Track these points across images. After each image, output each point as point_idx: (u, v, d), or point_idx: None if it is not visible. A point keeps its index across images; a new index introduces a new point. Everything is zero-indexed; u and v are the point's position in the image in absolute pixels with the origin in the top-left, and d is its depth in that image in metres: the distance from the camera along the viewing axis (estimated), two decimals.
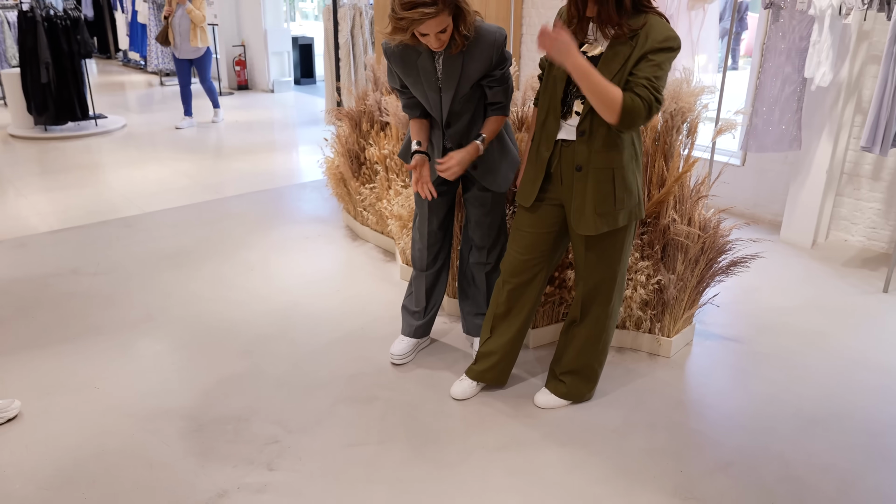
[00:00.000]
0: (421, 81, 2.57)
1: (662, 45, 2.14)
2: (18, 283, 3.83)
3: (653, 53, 2.14)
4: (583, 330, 2.64)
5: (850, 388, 2.94)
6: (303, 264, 4.13)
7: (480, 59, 2.49)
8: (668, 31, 2.16)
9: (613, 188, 2.34)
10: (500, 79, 2.58)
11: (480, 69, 2.51)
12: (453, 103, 2.59)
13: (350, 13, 6.85)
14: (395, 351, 3.05)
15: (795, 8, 4.01)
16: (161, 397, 2.82)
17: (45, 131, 7.27)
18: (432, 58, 2.52)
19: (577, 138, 2.32)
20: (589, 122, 2.29)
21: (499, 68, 2.56)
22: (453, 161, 2.55)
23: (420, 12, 2.27)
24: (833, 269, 4.14)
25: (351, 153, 4.30)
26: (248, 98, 9.86)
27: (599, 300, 2.57)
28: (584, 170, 2.33)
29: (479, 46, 2.48)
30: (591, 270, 2.52)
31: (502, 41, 2.51)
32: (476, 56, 2.49)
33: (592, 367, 2.71)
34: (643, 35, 2.15)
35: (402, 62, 2.56)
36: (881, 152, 3.76)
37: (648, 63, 2.13)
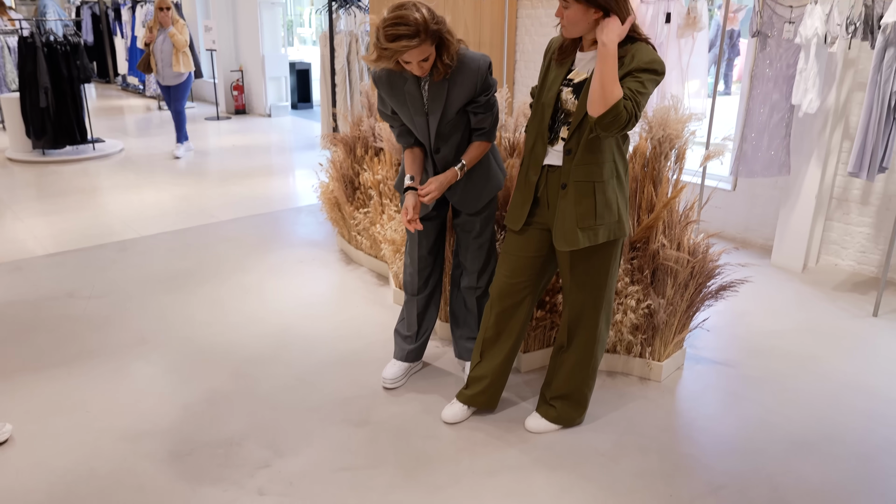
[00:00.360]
0: (408, 106, 2.63)
1: (647, 66, 2.20)
2: (14, 307, 3.84)
3: (638, 72, 2.20)
4: (571, 355, 2.66)
5: (840, 411, 2.96)
6: (297, 288, 4.15)
7: (465, 86, 2.56)
8: (653, 55, 2.23)
9: (594, 203, 2.38)
10: (485, 105, 2.64)
11: (465, 95, 2.58)
12: (440, 127, 2.64)
13: (346, 40, 6.95)
14: (387, 375, 3.07)
15: (782, 37, 4.09)
16: (153, 420, 2.82)
17: (44, 155, 7.32)
18: (418, 84, 2.59)
19: (564, 157, 2.38)
20: (575, 142, 2.35)
21: (483, 94, 2.61)
22: (432, 186, 2.61)
23: (403, 45, 2.34)
24: (823, 292, 4.17)
25: (345, 178, 4.34)
26: (245, 122, 9.94)
27: (585, 324, 2.60)
28: (567, 187, 2.39)
29: (464, 73, 2.54)
30: (577, 294, 2.55)
31: (486, 68, 2.57)
32: (460, 82, 2.55)
33: (582, 392, 2.73)
34: (629, 57, 2.21)
35: (389, 87, 2.63)
36: (868, 178, 3.81)
37: (634, 79, 2.19)
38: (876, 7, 3.71)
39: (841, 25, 3.81)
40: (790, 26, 4.03)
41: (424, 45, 2.38)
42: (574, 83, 2.36)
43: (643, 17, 4.77)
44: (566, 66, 2.39)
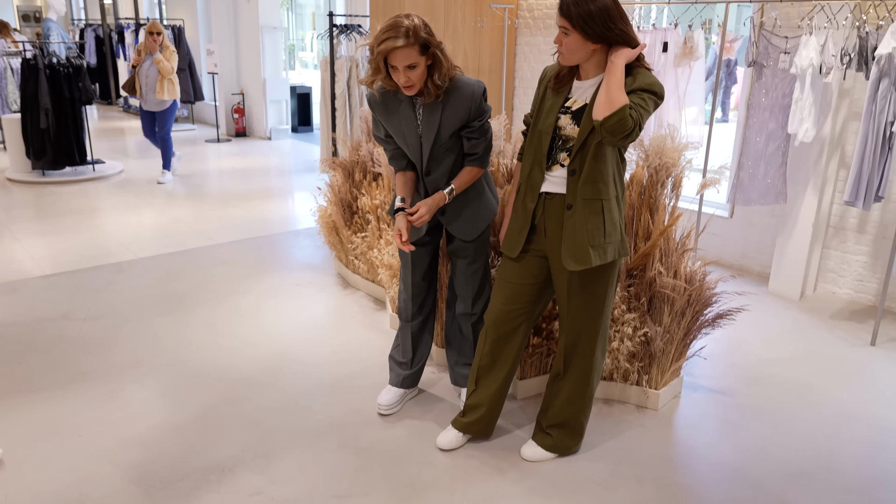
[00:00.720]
0: (402, 128, 2.66)
1: (648, 88, 2.22)
2: (8, 328, 3.82)
3: (641, 91, 2.22)
4: (567, 383, 2.65)
5: (838, 441, 2.94)
6: (294, 311, 4.14)
7: (458, 110, 2.58)
8: (653, 79, 2.26)
9: (603, 220, 2.39)
10: (479, 130, 2.66)
11: (459, 119, 2.60)
12: (433, 150, 2.66)
13: (347, 65, 7.01)
14: (382, 401, 3.05)
15: (777, 67, 4.14)
16: (146, 445, 2.80)
17: (43, 176, 7.34)
18: (413, 107, 2.62)
19: (569, 178, 2.38)
20: (579, 163, 2.35)
21: (477, 120, 2.64)
22: (423, 210, 2.62)
23: (389, 45, 2.40)
24: (821, 321, 4.17)
25: (343, 202, 4.36)
26: (245, 145, 9.99)
27: (582, 351, 2.59)
28: (573, 207, 2.38)
29: (458, 97, 2.58)
30: (575, 319, 2.54)
31: (480, 94, 2.60)
32: (454, 106, 2.58)
33: (578, 420, 2.71)
34: (630, 79, 2.23)
35: (384, 109, 2.66)
36: (864, 207, 3.83)
37: (636, 96, 2.21)
38: (870, 39, 3.75)
39: (836, 56, 3.85)
40: (785, 56, 4.08)
41: (411, 48, 2.41)
42: (572, 110, 2.37)
43: None
44: (563, 94, 2.41)
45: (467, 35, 5.97)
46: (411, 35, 2.41)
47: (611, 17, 2.19)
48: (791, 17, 4.38)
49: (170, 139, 7.51)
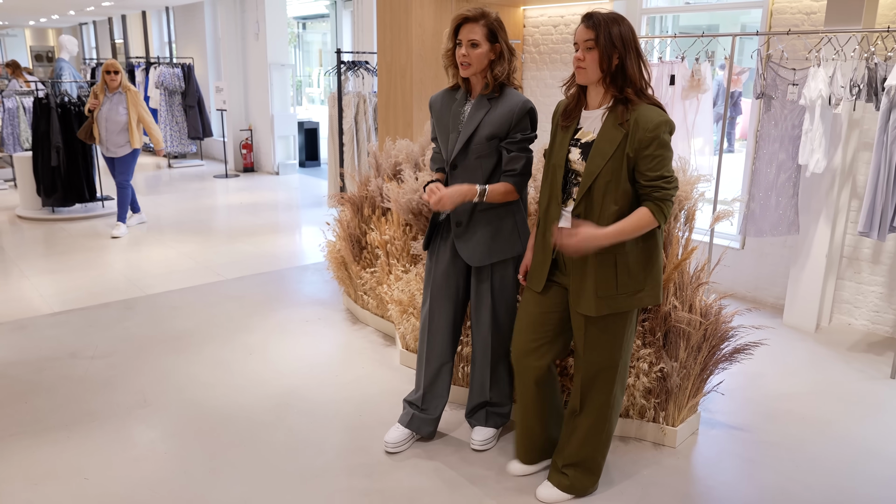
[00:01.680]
0: (448, 123, 2.75)
1: (654, 134, 2.22)
2: (15, 367, 3.79)
3: (647, 148, 2.22)
4: (584, 420, 2.59)
5: (860, 478, 2.85)
6: (303, 348, 4.10)
7: (502, 115, 2.66)
8: (657, 118, 2.24)
9: (616, 273, 2.35)
10: (519, 144, 2.68)
11: (500, 123, 2.66)
12: (467, 144, 2.69)
13: (354, 100, 7.07)
14: (388, 439, 2.98)
15: (786, 98, 4.13)
16: (153, 488, 2.74)
17: (53, 213, 7.37)
18: (464, 104, 2.74)
19: (573, 220, 2.36)
20: (584, 207, 2.34)
21: (520, 132, 2.68)
22: (444, 192, 2.62)
23: (463, 13, 2.62)
24: (838, 353, 4.09)
25: (352, 237, 4.34)
26: (253, 180, 10.05)
27: (600, 387, 2.53)
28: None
29: (505, 103, 2.67)
30: (591, 357, 2.49)
31: (528, 108, 2.69)
32: (500, 109, 2.67)
33: (595, 459, 2.64)
34: (633, 122, 2.24)
35: (439, 106, 2.82)
36: (879, 237, 3.78)
37: (649, 161, 2.23)
38: (879, 70, 3.75)
39: (845, 87, 3.84)
40: (794, 88, 4.07)
41: (479, 26, 2.60)
42: (581, 143, 2.37)
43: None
44: (572, 127, 2.42)
45: None
46: (484, 17, 2.61)
47: (629, 45, 2.26)
48: (798, 50, 4.40)
49: (129, 187, 6.80)
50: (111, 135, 6.50)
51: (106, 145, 6.56)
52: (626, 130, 2.25)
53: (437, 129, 2.84)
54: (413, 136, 5.63)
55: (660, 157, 2.24)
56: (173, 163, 11.25)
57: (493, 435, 3.04)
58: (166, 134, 10.92)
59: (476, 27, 2.60)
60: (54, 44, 21.28)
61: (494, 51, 2.64)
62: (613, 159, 2.26)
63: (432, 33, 5.66)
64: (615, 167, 2.27)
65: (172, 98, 10.85)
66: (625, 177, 2.28)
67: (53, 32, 21.33)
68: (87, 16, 14.95)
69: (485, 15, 2.62)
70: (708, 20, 10.76)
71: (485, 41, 2.61)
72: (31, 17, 16.15)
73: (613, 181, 2.28)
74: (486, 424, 3.04)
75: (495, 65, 2.65)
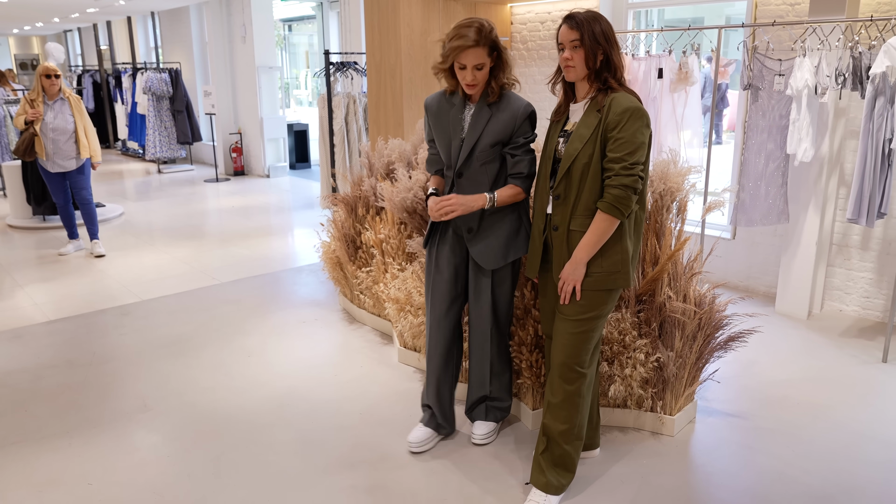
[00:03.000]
0: (448, 130, 2.74)
1: (621, 118, 2.31)
2: (13, 376, 3.79)
3: (613, 130, 2.32)
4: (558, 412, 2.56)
5: (857, 462, 2.90)
6: (300, 349, 4.11)
7: (504, 121, 2.66)
8: (627, 103, 2.33)
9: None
10: (523, 147, 2.70)
11: (501, 130, 2.67)
12: (472, 152, 2.70)
13: (344, 101, 7.07)
14: (411, 438, 3.00)
15: (773, 89, 4.18)
16: (157, 492, 2.75)
17: (44, 221, 7.35)
18: (463, 110, 2.73)
19: (553, 202, 2.48)
20: (563, 187, 2.44)
21: (522, 136, 2.69)
22: (454, 199, 2.64)
23: (461, 43, 2.54)
24: (830, 339, 4.15)
25: (347, 237, 4.36)
26: (244, 183, 10.04)
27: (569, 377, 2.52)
28: (559, 229, 2.47)
29: (507, 108, 2.67)
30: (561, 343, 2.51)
31: (529, 112, 2.69)
32: (502, 114, 2.67)
33: (570, 455, 2.61)
34: (607, 106, 2.36)
35: (437, 110, 2.80)
36: (867, 224, 3.83)
37: (612, 142, 2.32)
38: (863, 58, 3.80)
39: (830, 77, 3.89)
40: (780, 78, 4.12)
41: (481, 49, 2.56)
42: (568, 133, 2.47)
43: (636, 73, 4.88)
44: (562, 121, 2.54)
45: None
46: (483, 36, 2.56)
47: (611, 41, 2.37)
48: (783, 41, 4.44)
49: (92, 201, 6.23)
50: (59, 146, 5.82)
51: (53, 159, 5.86)
52: (602, 115, 2.36)
53: (434, 133, 2.82)
54: (404, 135, 5.64)
55: (622, 140, 2.31)
56: (163, 168, 11.22)
57: (493, 429, 3.07)
58: (155, 139, 10.89)
59: (479, 50, 2.56)
60: (39, 52, 21.14)
61: (493, 59, 2.63)
62: (590, 142, 2.37)
63: (420, 32, 5.68)
64: (591, 150, 2.37)
65: (160, 103, 10.83)
66: (597, 157, 2.37)
67: (38, 40, 21.19)
68: (71, 23, 14.86)
69: (482, 34, 2.56)
70: (693, 13, 10.83)
71: (487, 58, 2.60)
72: (14, 25, 16.04)
73: (589, 163, 2.38)
74: (486, 419, 3.07)
75: (498, 70, 2.65)
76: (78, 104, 5.92)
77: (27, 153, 5.83)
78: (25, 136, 5.80)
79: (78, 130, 5.85)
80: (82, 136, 5.88)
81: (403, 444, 3.04)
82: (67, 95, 5.89)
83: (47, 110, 5.80)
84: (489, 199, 2.68)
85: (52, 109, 5.80)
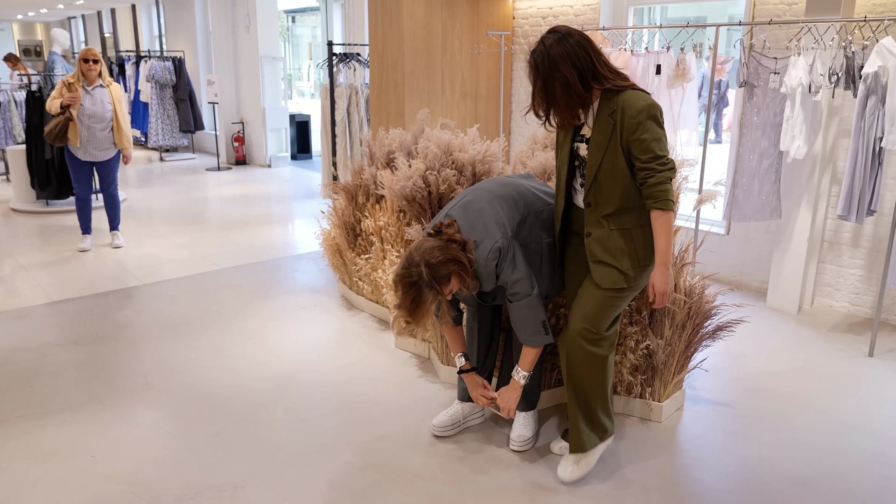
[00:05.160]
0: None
1: (639, 119, 2.36)
2: (17, 353, 3.87)
3: (634, 132, 2.37)
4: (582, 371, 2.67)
5: (839, 450, 2.99)
6: (300, 333, 4.19)
7: (487, 278, 2.65)
8: (640, 103, 2.38)
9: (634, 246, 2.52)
10: (511, 290, 2.64)
11: (490, 284, 2.67)
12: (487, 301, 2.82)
13: (346, 92, 7.14)
14: (436, 422, 3.06)
15: (768, 87, 4.25)
16: (158, 465, 2.83)
17: (47, 205, 7.42)
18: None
19: (585, 209, 2.55)
20: (593, 195, 2.52)
21: (504, 279, 2.63)
22: (507, 403, 2.82)
23: (423, 312, 2.50)
24: (819, 333, 4.23)
25: (347, 225, 4.43)
26: (245, 172, 10.10)
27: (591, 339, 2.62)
28: (594, 234, 2.54)
29: (479, 273, 2.64)
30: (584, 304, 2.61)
31: (494, 259, 2.58)
32: (483, 276, 2.65)
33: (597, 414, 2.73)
34: (619, 111, 2.39)
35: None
36: (857, 221, 3.91)
37: (639, 144, 2.37)
38: (856, 58, 3.87)
39: (824, 76, 3.96)
40: (775, 77, 4.19)
41: (437, 295, 2.49)
42: (587, 138, 2.53)
43: (634, 70, 4.95)
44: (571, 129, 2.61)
45: (465, 61, 6.11)
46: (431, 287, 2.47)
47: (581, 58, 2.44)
48: (779, 39, 4.52)
49: (118, 194, 6.10)
50: (95, 135, 5.63)
51: (86, 147, 5.66)
52: (615, 120, 2.40)
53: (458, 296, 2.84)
54: (406, 125, 5.72)
55: (647, 139, 2.36)
56: (165, 156, 11.29)
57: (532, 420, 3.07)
58: (158, 127, 10.94)
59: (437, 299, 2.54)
60: (42, 38, 21.17)
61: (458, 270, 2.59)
62: (609, 148, 2.43)
63: (423, 25, 5.75)
64: (611, 155, 2.43)
65: (163, 91, 10.87)
66: (621, 161, 2.43)
67: (41, 26, 21.22)
68: (75, 9, 14.91)
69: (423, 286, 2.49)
70: (696, 11, 10.88)
71: (449, 285, 2.56)
72: (18, 11, 16.08)
73: (613, 168, 2.45)
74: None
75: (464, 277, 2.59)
76: (118, 93, 5.72)
77: (59, 138, 5.56)
78: (59, 119, 5.53)
79: (118, 120, 5.66)
80: (123, 125, 5.69)
81: (398, 424, 3.13)
82: (108, 83, 5.70)
83: (85, 96, 5.57)
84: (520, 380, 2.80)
85: (90, 95, 5.58)
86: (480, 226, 2.61)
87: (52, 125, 5.55)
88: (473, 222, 2.63)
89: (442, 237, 2.54)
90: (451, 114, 6.09)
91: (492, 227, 2.60)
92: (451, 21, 5.91)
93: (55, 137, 5.56)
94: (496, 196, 2.71)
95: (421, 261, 2.45)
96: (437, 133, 3.81)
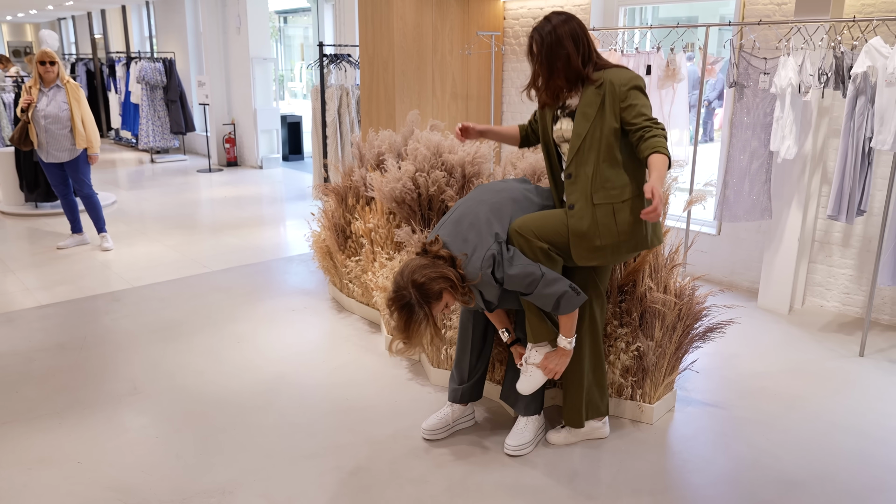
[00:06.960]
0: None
1: (628, 86, 2.50)
2: (4, 358, 3.83)
3: (625, 100, 2.49)
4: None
5: (830, 451, 2.98)
6: (290, 336, 4.17)
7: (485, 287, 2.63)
8: (626, 74, 2.53)
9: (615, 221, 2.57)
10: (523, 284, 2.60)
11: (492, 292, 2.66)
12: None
13: (337, 93, 7.12)
14: (426, 426, 3.04)
15: (758, 87, 4.25)
16: (146, 470, 2.81)
17: (36, 208, 7.37)
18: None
19: (566, 181, 2.63)
20: (574, 166, 2.59)
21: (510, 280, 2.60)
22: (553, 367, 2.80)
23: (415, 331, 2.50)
24: (810, 334, 4.23)
25: (337, 227, 4.41)
26: (236, 174, 10.06)
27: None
28: (577, 207, 2.59)
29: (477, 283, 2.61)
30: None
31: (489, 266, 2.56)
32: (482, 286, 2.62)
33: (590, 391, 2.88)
34: (607, 83, 2.52)
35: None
36: (847, 221, 3.92)
37: (632, 109, 2.47)
38: (845, 58, 3.88)
39: (813, 76, 3.97)
40: (765, 77, 4.19)
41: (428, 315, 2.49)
42: (568, 111, 2.63)
43: None
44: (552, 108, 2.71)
45: (455, 62, 6.10)
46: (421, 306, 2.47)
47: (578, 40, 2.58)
48: (769, 39, 4.52)
49: (94, 194, 6.01)
50: (53, 136, 5.61)
51: (47, 149, 5.64)
52: (603, 92, 2.51)
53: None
54: (396, 126, 5.70)
55: (638, 104, 2.47)
56: (156, 158, 11.23)
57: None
58: (148, 129, 10.89)
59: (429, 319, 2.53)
60: (32, 39, 21.06)
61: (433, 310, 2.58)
62: (597, 118, 2.52)
63: (413, 26, 5.73)
64: (597, 126, 2.52)
65: (154, 93, 10.83)
66: (608, 131, 2.51)
67: (31, 27, 21.10)
68: (65, 10, 14.82)
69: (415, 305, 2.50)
70: (687, 12, 10.89)
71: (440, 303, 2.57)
72: (7, 12, 15.98)
73: (601, 137, 2.53)
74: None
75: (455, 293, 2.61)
76: (75, 92, 5.65)
77: (22, 142, 5.64)
78: (20, 124, 5.64)
79: (74, 119, 5.60)
80: (79, 125, 5.62)
81: (388, 428, 3.11)
82: (65, 82, 5.64)
83: (41, 97, 5.57)
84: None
85: (45, 96, 5.58)
86: (473, 237, 2.61)
87: (15, 130, 5.69)
88: (465, 235, 2.63)
89: (428, 255, 2.56)
90: (442, 115, 6.07)
91: (485, 236, 2.61)
92: (441, 22, 5.90)
93: (18, 141, 5.66)
94: (488, 205, 2.71)
95: (408, 282, 2.47)
96: (427, 134, 3.80)
